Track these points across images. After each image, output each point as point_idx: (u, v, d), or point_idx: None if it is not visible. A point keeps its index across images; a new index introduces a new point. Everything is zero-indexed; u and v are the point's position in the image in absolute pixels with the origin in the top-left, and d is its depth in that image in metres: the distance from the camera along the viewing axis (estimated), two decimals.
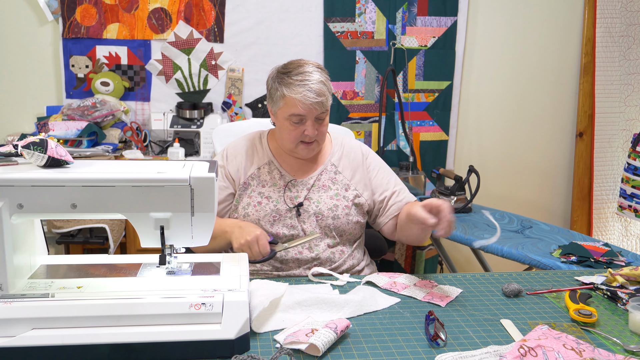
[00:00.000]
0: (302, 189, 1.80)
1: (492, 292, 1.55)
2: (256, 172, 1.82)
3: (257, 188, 1.80)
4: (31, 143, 1.21)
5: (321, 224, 1.77)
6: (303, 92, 1.66)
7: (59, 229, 2.63)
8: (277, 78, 1.74)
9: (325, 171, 1.84)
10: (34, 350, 1.14)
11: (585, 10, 3.41)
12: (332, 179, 1.83)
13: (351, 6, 3.21)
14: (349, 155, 1.88)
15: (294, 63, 1.75)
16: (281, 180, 1.81)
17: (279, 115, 1.75)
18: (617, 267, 1.95)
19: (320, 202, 1.78)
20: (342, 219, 1.78)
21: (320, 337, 1.20)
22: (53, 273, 1.32)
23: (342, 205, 1.79)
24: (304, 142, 1.75)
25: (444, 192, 2.88)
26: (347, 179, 1.84)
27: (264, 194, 1.79)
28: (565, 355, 1.18)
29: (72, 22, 3.05)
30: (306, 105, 1.67)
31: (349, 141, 1.93)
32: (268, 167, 1.83)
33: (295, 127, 1.72)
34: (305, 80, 1.68)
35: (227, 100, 3.24)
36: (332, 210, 1.78)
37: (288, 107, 1.70)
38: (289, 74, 1.71)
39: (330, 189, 1.81)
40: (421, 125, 3.40)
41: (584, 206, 3.59)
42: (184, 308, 1.18)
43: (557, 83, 3.50)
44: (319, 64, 1.77)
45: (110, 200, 1.22)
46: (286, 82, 1.70)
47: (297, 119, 1.70)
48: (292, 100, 1.68)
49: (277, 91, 1.72)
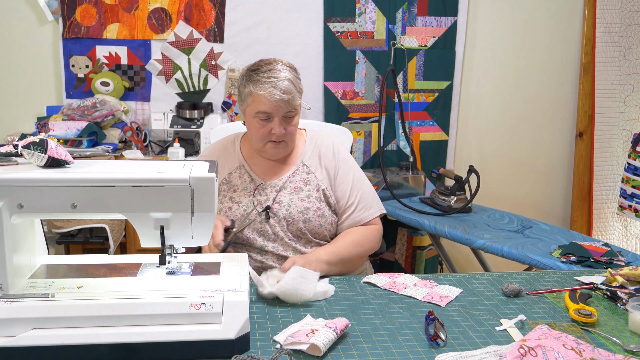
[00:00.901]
0: (270, 191, 1.78)
1: (492, 292, 1.55)
2: (227, 177, 1.82)
3: (228, 193, 1.80)
4: (31, 143, 1.21)
5: (292, 227, 1.75)
6: (269, 89, 1.65)
7: (59, 229, 2.63)
8: (245, 76, 1.73)
9: (297, 172, 1.81)
10: (34, 350, 1.13)
11: (585, 10, 3.41)
12: (305, 180, 1.80)
13: (351, 6, 3.21)
14: (321, 155, 1.85)
15: (264, 61, 1.74)
16: (251, 184, 1.80)
17: (247, 113, 1.74)
18: (617, 267, 1.95)
19: (290, 205, 1.75)
20: (314, 222, 1.75)
21: (320, 337, 1.20)
22: (53, 273, 1.32)
23: (314, 207, 1.76)
24: (272, 141, 1.74)
25: (444, 192, 2.88)
26: (319, 179, 1.81)
27: (234, 199, 1.78)
28: (565, 355, 1.18)
29: (72, 22, 3.05)
30: (271, 102, 1.66)
31: (324, 140, 1.88)
32: (239, 172, 1.82)
33: (262, 124, 1.71)
34: (272, 78, 1.67)
35: (227, 100, 3.24)
36: (302, 214, 1.75)
37: (255, 104, 1.69)
38: (257, 71, 1.71)
39: (302, 190, 1.78)
40: (421, 125, 3.40)
41: (584, 206, 3.59)
42: (184, 308, 1.18)
43: (557, 83, 3.50)
44: (290, 63, 1.76)
45: (110, 200, 1.22)
46: (253, 79, 1.69)
47: (264, 116, 1.70)
48: (258, 97, 1.68)
49: (245, 88, 1.71)
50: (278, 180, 1.79)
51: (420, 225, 2.66)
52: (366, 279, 1.60)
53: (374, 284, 1.57)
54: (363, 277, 1.62)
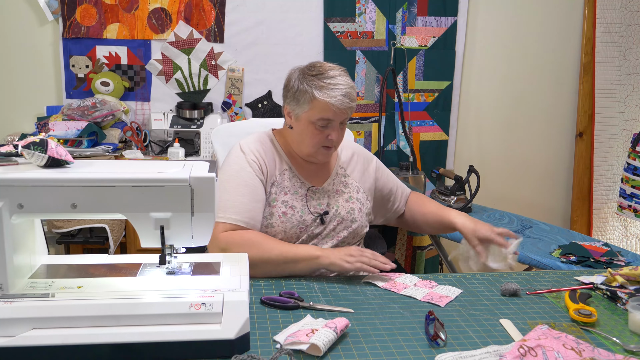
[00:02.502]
0: (322, 196, 1.79)
1: (492, 292, 1.55)
2: (278, 179, 1.75)
3: (280, 196, 1.73)
4: (31, 143, 1.21)
5: (342, 228, 1.78)
6: (338, 97, 1.63)
7: (59, 229, 2.63)
8: (304, 80, 1.66)
9: (337, 175, 1.84)
10: (34, 350, 1.13)
11: (585, 10, 3.41)
12: (344, 183, 1.84)
13: (351, 6, 3.21)
14: (355, 158, 1.90)
15: (322, 65, 1.70)
16: (301, 188, 1.76)
17: (303, 118, 1.67)
18: (617, 267, 1.95)
19: (338, 206, 1.78)
20: (359, 222, 1.81)
21: (320, 337, 1.20)
22: (53, 273, 1.32)
23: (357, 208, 1.82)
24: (325, 147, 1.72)
25: (444, 192, 2.88)
26: (356, 181, 1.86)
27: (287, 203, 1.72)
28: (565, 355, 1.18)
29: (72, 22, 3.05)
30: (339, 109, 1.65)
31: (351, 144, 1.95)
32: (289, 173, 1.77)
33: (321, 131, 1.67)
34: (339, 85, 1.65)
35: (227, 100, 3.24)
36: (350, 214, 1.79)
37: (317, 111, 1.64)
38: (318, 76, 1.66)
39: (343, 192, 1.82)
40: (421, 125, 3.40)
41: (584, 206, 3.59)
42: (184, 308, 1.18)
43: (557, 83, 3.50)
44: (343, 67, 1.74)
45: (110, 200, 1.22)
46: (317, 84, 1.64)
47: (324, 123, 1.66)
48: (323, 104, 1.63)
49: (306, 93, 1.65)
50: (326, 184, 1.81)
51: None
52: (366, 279, 1.60)
53: (374, 283, 1.57)
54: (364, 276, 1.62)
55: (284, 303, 1.41)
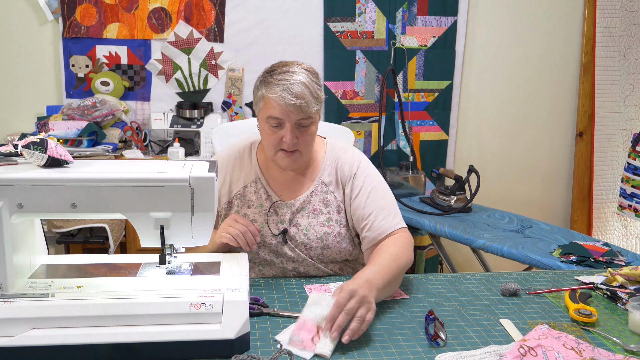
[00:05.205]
0: (286, 212, 1.64)
1: (492, 292, 1.55)
2: (241, 191, 1.68)
3: (242, 209, 1.66)
4: (31, 143, 1.21)
5: (309, 253, 1.64)
6: (279, 92, 1.50)
7: (59, 229, 2.63)
8: (261, 78, 1.60)
9: (315, 191, 1.66)
10: (34, 350, 1.13)
11: (585, 10, 3.41)
12: (324, 200, 1.65)
13: (351, 6, 3.21)
14: (338, 168, 1.68)
15: (281, 63, 1.61)
16: (267, 201, 1.66)
17: (259, 118, 1.60)
18: (617, 266, 1.95)
19: (309, 229, 1.63)
20: (332, 249, 1.63)
21: (326, 344, 1.20)
22: (53, 273, 1.32)
23: (334, 232, 1.63)
24: (284, 150, 1.58)
25: (444, 192, 2.88)
26: (339, 199, 1.66)
27: (248, 216, 1.65)
28: (565, 355, 1.18)
29: (72, 22, 3.05)
30: (282, 107, 1.51)
31: (343, 154, 1.70)
32: (254, 186, 1.67)
33: (274, 131, 1.56)
34: (285, 80, 1.52)
35: (227, 99, 3.24)
36: (321, 240, 1.62)
37: (266, 109, 1.55)
38: (272, 72, 1.57)
39: (321, 213, 1.64)
40: (421, 125, 3.40)
41: (584, 206, 3.59)
42: (183, 308, 1.18)
43: (557, 83, 3.50)
44: (311, 67, 1.62)
45: (110, 200, 1.22)
46: (267, 81, 1.56)
47: (275, 122, 1.54)
48: (269, 101, 1.53)
49: (259, 91, 1.58)
50: (295, 200, 1.65)
51: (420, 225, 2.66)
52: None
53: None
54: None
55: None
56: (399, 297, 1.49)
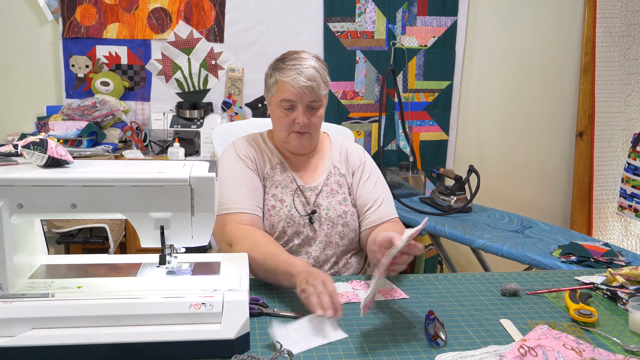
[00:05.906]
0: (311, 194, 1.76)
1: (492, 292, 1.55)
2: (269, 172, 1.77)
3: (271, 189, 1.75)
4: (31, 143, 1.21)
5: (331, 231, 1.74)
6: (293, 75, 1.65)
7: (59, 229, 2.63)
8: (272, 66, 1.74)
9: (330, 174, 1.80)
10: (34, 350, 1.13)
11: (585, 10, 3.41)
12: (338, 182, 1.80)
13: (351, 6, 3.21)
14: (350, 158, 1.85)
15: (291, 51, 1.75)
16: (292, 183, 1.76)
17: (272, 103, 1.73)
18: (617, 266, 1.95)
19: (330, 208, 1.75)
20: (350, 225, 1.76)
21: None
22: (53, 273, 1.32)
23: (351, 210, 1.77)
24: (296, 132, 1.72)
25: (444, 192, 2.88)
26: (349, 182, 1.82)
27: (277, 197, 1.73)
28: (565, 355, 1.18)
29: (72, 22, 3.05)
30: (296, 89, 1.65)
31: (349, 143, 1.91)
32: (280, 167, 1.78)
33: (286, 114, 1.69)
34: (297, 65, 1.67)
35: (227, 100, 3.24)
36: (341, 217, 1.75)
37: (279, 92, 1.69)
38: (283, 60, 1.72)
39: (338, 193, 1.78)
40: (421, 125, 3.40)
41: (584, 206, 3.59)
42: (184, 308, 1.18)
43: (557, 83, 3.50)
44: (317, 55, 1.76)
45: (110, 200, 1.21)
46: (280, 67, 1.70)
47: (288, 105, 1.68)
48: (282, 85, 1.67)
49: (271, 77, 1.72)
50: (317, 183, 1.78)
51: None
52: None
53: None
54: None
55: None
56: (398, 297, 1.49)
